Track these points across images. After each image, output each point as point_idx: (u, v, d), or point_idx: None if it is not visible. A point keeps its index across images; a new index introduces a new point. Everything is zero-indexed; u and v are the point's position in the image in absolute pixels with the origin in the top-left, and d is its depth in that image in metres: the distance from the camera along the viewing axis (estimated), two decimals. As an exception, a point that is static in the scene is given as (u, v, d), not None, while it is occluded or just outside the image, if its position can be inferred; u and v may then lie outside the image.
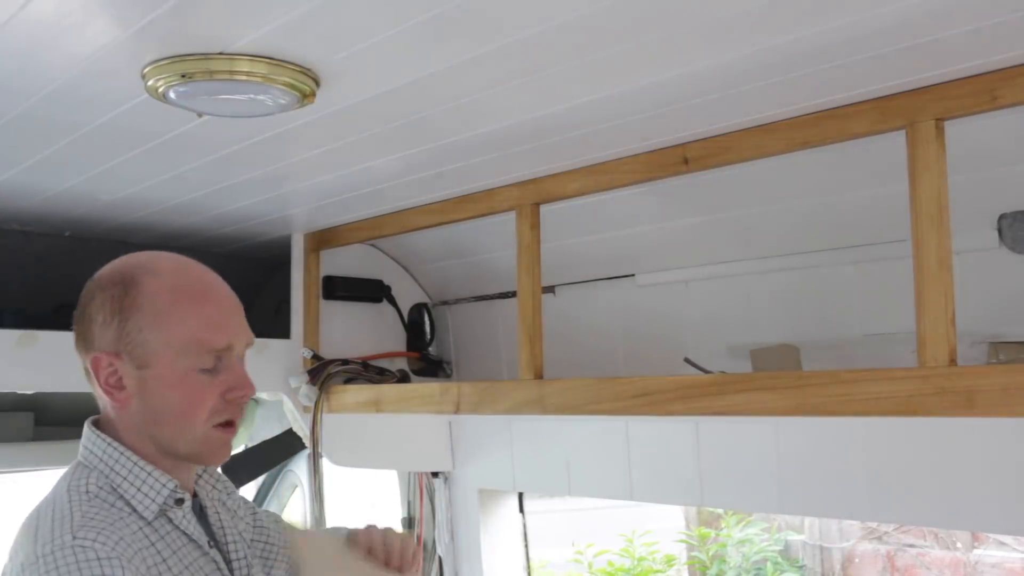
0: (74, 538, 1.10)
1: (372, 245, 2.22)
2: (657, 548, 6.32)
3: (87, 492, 1.18)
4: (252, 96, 1.17)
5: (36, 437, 2.21)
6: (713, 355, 1.72)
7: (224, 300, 1.24)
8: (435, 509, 2.23)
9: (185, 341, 1.18)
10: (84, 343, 1.21)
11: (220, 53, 1.09)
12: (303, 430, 2.11)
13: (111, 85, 1.18)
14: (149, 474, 1.20)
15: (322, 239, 2.10)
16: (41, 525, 1.14)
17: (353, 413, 1.99)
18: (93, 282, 1.23)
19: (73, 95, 1.22)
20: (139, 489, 1.19)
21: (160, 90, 1.15)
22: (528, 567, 2.28)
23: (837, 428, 1.50)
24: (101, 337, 1.19)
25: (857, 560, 6.13)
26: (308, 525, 2.33)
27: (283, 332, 2.14)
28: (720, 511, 6.50)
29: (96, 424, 1.24)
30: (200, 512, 1.25)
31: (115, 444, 1.21)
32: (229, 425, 1.23)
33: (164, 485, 1.19)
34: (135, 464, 1.20)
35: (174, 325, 1.18)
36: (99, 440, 1.22)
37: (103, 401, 1.22)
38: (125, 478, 1.20)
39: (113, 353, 1.18)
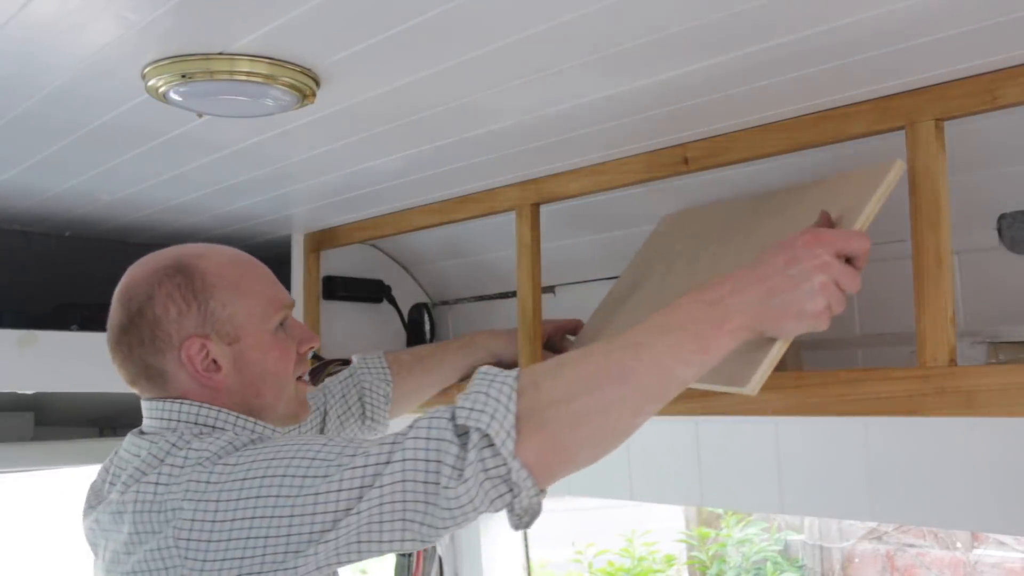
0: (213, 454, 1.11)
1: (372, 245, 2.22)
2: (657, 548, 6.33)
3: (189, 433, 1.16)
4: (252, 96, 1.17)
5: (36, 437, 2.21)
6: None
7: (262, 263, 1.29)
8: (435, 509, 2.23)
9: (263, 305, 1.24)
10: (156, 345, 1.19)
11: (220, 53, 1.09)
12: (303, 430, 2.10)
13: (111, 85, 1.18)
14: (256, 423, 1.21)
15: (322, 239, 2.11)
16: (163, 460, 1.12)
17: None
18: (136, 287, 1.21)
19: (73, 95, 1.22)
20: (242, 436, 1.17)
21: (160, 90, 1.15)
22: (528, 567, 2.28)
23: (837, 428, 1.50)
24: (181, 327, 1.19)
25: (857, 560, 6.13)
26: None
27: (283, 332, 2.14)
28: (720, 511, 6.51)
29: None
30: None
31: (204, 405, 1.19)
32: (301, 379, 1.30)
33: (274, 431, 1.22)
34: (237, 417, 1.20)
35: (250, 294, 1.23)
36: (182, 404, 1.19)
37: (188, 386, 1.20)
38: (228, 431, 1.18)
39: (203, 335, 1.19)
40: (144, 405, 1.24)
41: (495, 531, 2.23)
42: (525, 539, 2.27)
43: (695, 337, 1.04)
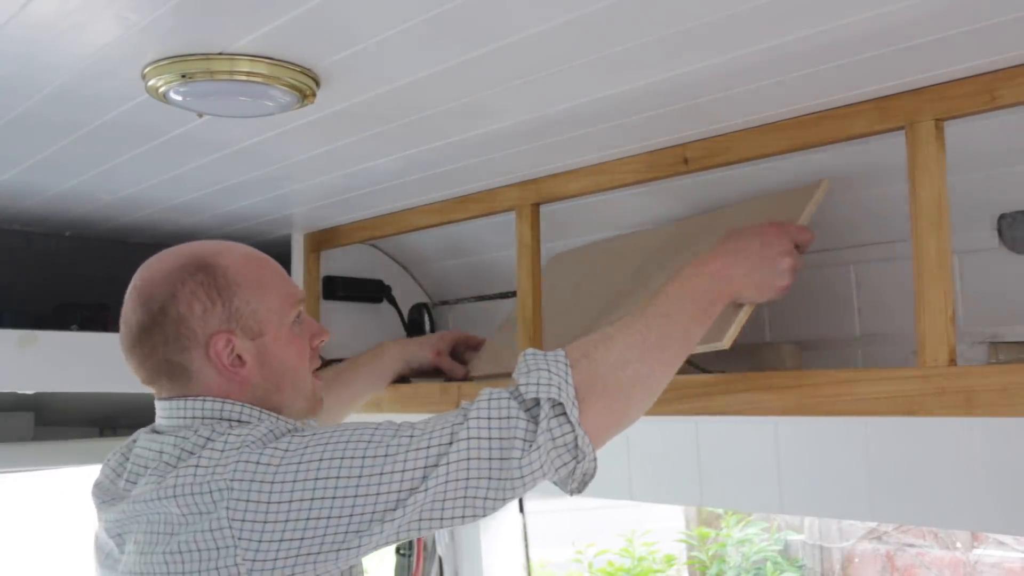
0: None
1: (372, 245, 2.22)
2: (657, 548, 6.32)
3: (223, 426, 1.18)
4: (252, 96, 1.17)
5: (36, 437, 2.21)
6: (713, 355, 1.72)
7: (273, 259, 1.32)
8: (435, 509, 2.22)
9: (281, 301, 1.27)
10: (181, 343, 1.21)
11: (220, 53, 1.09)
12: (303, 430, 2.11)
13: (111, 85, 1.19)
14: (279, 417, 1.23)
15: (322, 239, 2.11)
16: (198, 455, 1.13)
17: (353, 413, 1.99)
18: (156, 286, 1.22)
19: (73, 95, 1.22)
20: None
21: (160, 90, 1.15)
22: (528, 567, 2.28)
23: (837, 428, 1.50)
24: (207, 324, 1.21)
25: (857, 560, 6.13)
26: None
27: (283, 332, 2.14)
28: (720, 511, 6.51)
29: None
30: None
31: (228, 400, 1.21)
32: (316, 373, 1.33)
33: (302, 424, 1.24)
34: (261, 411, 1.23)
35: (269, 289, 1.26)
36: (204, 401, 1.21)
37: (212, 382, 1.22)
38: (264, 422, 1.20)
39: (228, 331, 1.21)
40: (161, 404, 1.25)
41: (495, 531, 2.23)
42: (525, 539, 2.27)
43: (703, 304, 1.23)
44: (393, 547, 2.25)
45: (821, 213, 1.55)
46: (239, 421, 1.20)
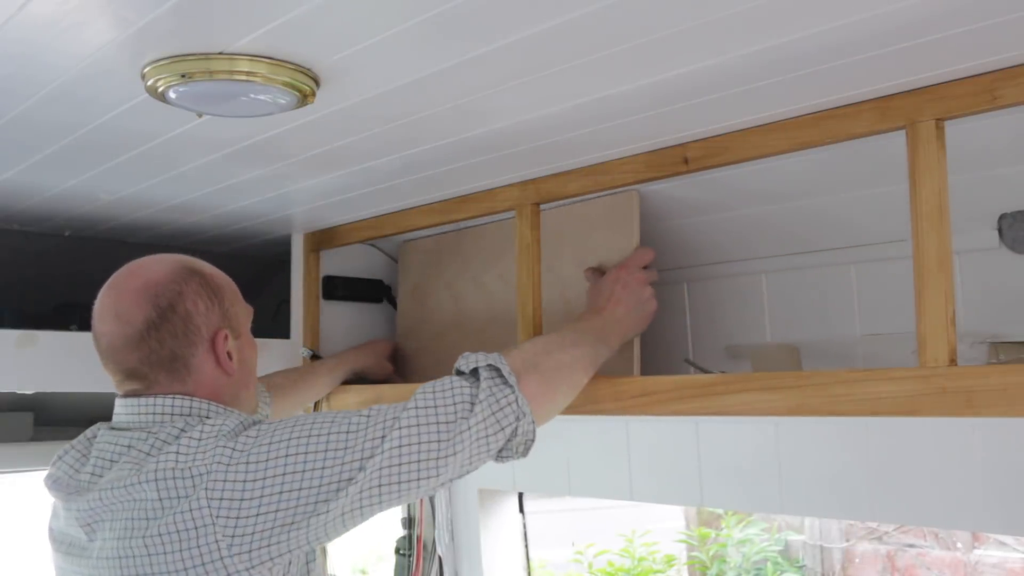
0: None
1: (372, 245, 2.22)
2: (657, 548, 6.31)
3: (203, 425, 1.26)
4: (252, 96, 1.17)
5: (35, 437, 2.21)
6: (713, 355, 1.72)
7: None
8: (435, 509, 2.23)
9: (246, 310, 1.41)
10: (188, 338, 1.30)
11: (220, 53, 1.09)
12: (303, 430, 2.10)
13: (111, 85, 1.18)
14: (239, 412, 1.32)
15: (322, 239, 2.11)
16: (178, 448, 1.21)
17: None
18: (161, 285, 1.30)
19: (72, 95, 1.22)
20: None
21: (160, 90, 1.15)
22: (528, 567, 2.28)
23: (837, 428, 1.50)
24: (208, 320, 1.32)
25: (857, 560, 6.13)
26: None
27: (283, 332, 2.14)
28: (720, 511, 6.50)
29: None
30: None
31: (196, 399, 1.30)
32: None
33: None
34: (225, 408, 1.32)
35: (239, 299, 1.40)
36: (175, 399, 1.29)
37: (207, 375, 1.31)
38: (232, 415, 1.29)
39: (225, 328, 1.34)
40: (130, 402, 1.29)
41: (495, 531, 2.23)
42: (525, 539, 2.27)
43: (600, 336, 1.48)
44: (393, 547, 2.25)
45: (821, 214, 1.55)
46: (207, 417, 1.28)
